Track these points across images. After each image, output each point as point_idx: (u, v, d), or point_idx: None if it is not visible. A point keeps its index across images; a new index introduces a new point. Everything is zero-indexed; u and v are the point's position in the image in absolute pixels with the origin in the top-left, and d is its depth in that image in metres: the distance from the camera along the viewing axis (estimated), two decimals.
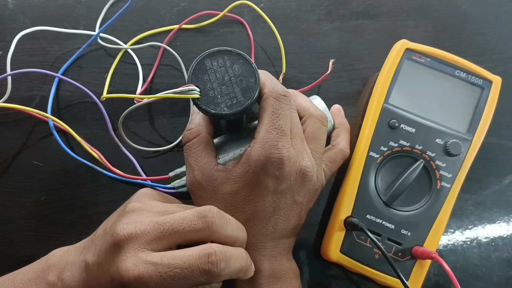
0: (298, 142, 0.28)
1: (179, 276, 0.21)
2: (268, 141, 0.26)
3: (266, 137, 0.26)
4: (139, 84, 0.37)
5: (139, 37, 0.38)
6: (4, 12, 0.39)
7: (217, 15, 0.39)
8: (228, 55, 0.28)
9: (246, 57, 0.28)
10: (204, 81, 0.28)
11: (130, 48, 0.38)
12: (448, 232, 0.35)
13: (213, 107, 0.27)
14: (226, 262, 0.22)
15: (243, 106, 0.27)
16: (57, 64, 0.38)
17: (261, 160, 0.26)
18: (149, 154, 0.35)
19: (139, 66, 0.37)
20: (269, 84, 0.27)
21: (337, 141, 0.33)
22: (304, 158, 0.27)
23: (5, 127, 0.36)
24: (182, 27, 0.39)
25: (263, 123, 0.27)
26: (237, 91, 0.28)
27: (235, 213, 0.27)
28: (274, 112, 0.26)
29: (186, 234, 0.23)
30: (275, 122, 0.26)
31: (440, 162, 0.33)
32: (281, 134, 0.26)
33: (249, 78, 0.28)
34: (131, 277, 0.21)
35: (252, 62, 0.28)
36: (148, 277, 0.21)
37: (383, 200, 0.32)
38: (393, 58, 0.34)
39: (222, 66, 0.28)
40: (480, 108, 0.34)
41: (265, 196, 0.27)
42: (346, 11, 0.41)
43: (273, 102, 0.26)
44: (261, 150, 0.26)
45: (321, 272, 0.33)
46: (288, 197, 0.27)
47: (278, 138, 0.26)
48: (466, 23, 0.41)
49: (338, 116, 0.35)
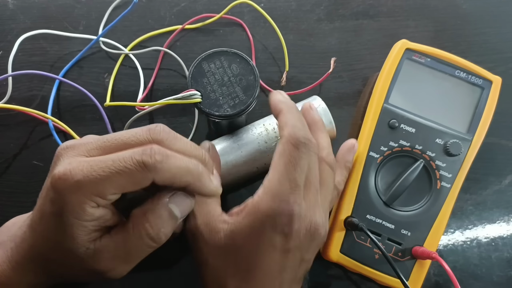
0: (312, 195, 0.25)
1: (110, 167, 0.20)
2: (280, 194, 0.23)
3: (277, 189, 0.24)
4: (141, 90, 0.36)
5: (139, 39, 0.38)
6: (4, 12, 0.39)
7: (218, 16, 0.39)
8: (224, 56, 0.28)
9: (242, 55, 0.28)
10: (204, 84, 0.28)
11: (131, 54, 0.38)
12: (448, 232, 0.35)
13: (216, 109, 0.27)
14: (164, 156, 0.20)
15: (246, 104, 0.27)
16: (58, 65, 0.38)
17: (270, 213, 0.23)
18: None
19: (140, 71, 0.37)
20: (290, 125, 0.25)
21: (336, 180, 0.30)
22: (315, 214, 0.25)
23: (6, 128, 0.36)
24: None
25: (277, 171, 0.24)
26: (238, 91, 0.28)
27: (237, 272, 0.24)
28: (291, 161, 0.24)
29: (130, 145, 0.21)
30: (290, 173, 0.24)
31: (440, 162, 0.33)
32: (294, 187, 0.24)
33: (249, 76, 0.28)
34: (61, 172, 0.20)
35: (249, 59, 0.28)
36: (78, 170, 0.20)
37: (383, 200, 0.32)
38: (393, 58, 0.34)
39: (220, 68, 0.28)
40: (480, 108, 0.34)
41: (272, 254, 0.24)
42: (346, 11, 0.41)
43: (291, 150, 0.24)
44: (270, 203, 0.23)
45: (321, 272, 0.33)
46: (296, 256, 0.25)
47: (291, 192, 0.23)
48: (466, 23, 0.41)
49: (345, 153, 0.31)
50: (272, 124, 0.32)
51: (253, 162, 0.32)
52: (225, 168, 0.31)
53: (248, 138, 0.32)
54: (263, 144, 0.31)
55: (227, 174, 0.31)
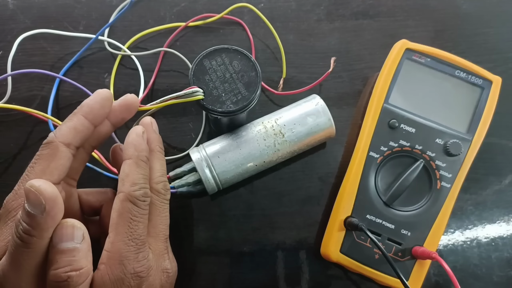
0: (161, 242, 0.25)
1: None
2: (127, 256, 0.23)
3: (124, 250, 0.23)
4: (141, 90, 0.36)
5: (138, 36, 0.38)
6: (4, 12, 0.39)
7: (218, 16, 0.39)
8: (225, 53, 0.28)
9: (243, 52, 0.28)
10: (206, 82, 0.28)
11: (134, 55, 0.38)
12: (448, 232, 0.35)
13: (219, 105, 0.27)
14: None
15: (249, 100, 0.27)
16: (58, 65, 0.38)
17: (121, 277, 0.22)
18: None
19: (141, 71, 0.37)
20: (131, 181, 0.24)
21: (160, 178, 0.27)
22: (165, 260, 0.25)
23: (5, 127, 0.36)
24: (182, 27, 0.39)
25: (119, 232, 0.23)
26: (240, 87, 0.28)
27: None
28: (133, 219, 0.23)
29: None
30: (134, 232, 0.23)
31: (440, 162, 0.33)
32: (140, 244, 0.23)
33: (250, 72, 0.28)
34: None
35: (251, 55, 0.28)
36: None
37: (383, 200, 0.32)
38: (393, 58, 0.34)
39: (221, 64, 0.28)
40: (480, 108, 0.34)
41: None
42: (346, 11, 0.41)
43: (131, 207, 0.23)
44: (119, 267, 0.22)
45: (321, 272, 0.33)
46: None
47: (138, 250, 0.23)
48: (466, 23, 0.41)
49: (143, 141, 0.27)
50: (271, 122, 0.32)
51: (252, 160, 0.32)
52: (225, 166, 0.31)
53: (247, 136, 0.32)
54: (262, 142, 0.32)
55: (226, 171, 0.31)
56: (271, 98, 0.38)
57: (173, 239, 0.33)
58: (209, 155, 0.31)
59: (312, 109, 0.33)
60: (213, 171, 0.31)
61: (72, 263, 0.21)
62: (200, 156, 0.31)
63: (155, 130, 0.28)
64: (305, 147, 0.34)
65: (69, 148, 0.24)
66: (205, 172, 0.31)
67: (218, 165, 0.31)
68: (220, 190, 0.33)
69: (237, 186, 0.34)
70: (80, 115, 0.25)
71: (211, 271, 0.33)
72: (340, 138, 0.36)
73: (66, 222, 0.22)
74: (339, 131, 0.34)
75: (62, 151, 0.24)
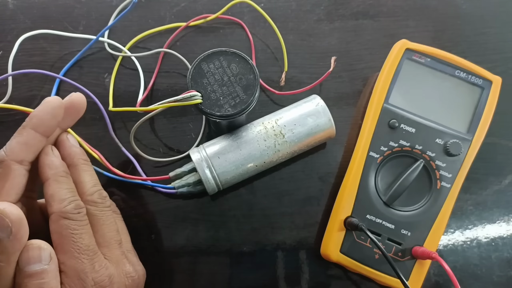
0: (115, 249, 0.25)
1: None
2: (83, 269, 0.22)
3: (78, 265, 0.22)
4: (141, 91, 0.36)
5: (139, 37, 0.38)
6: (4, 12, 0.39)
7: (218, 17, 0.39)
8: (223, 56, 0.28)
9: (241, 55, 0.28)
10: (204, 85, 0.28)
11: (134, 56, 0.38)
12: (448, 232, 0.35)
13: (217, 109, 0.27)
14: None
15: (247, 103, 0.27)
16: (58, 65, 0.38)
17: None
18: (150, 154, 0.35)
19: (141, 72, 0.37)
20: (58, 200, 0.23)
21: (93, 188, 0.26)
22: (125, 264, 0.25)
23: (5, 127, 0.36)
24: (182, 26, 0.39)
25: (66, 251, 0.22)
26: (238, 90, 0.28)
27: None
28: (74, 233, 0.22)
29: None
30: (80, 244, 0.22)
31: (440, 162, 0.33)
32: (92, 254, 0.23)
33: (248, 75, 0.28)
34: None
35: (249, 58, 0.28)
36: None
37: (383, 200, 0.32)
38: (393, 58, 0.34)
39: (219, 68, 0.28)
40: (480, 108, 0.34)
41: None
42: (346, 11, 0.41)
43: (68, 223, 0.22)
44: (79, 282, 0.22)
45: (321, 272, 0.33)
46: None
47: (92, 260, 0.23)
48: (466, 23, 0.41)
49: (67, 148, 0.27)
50: (271, 123, 0.32)
51: (252, 160, 0.32)
52: (225, 167, 0.31)
53: (248, 136, 0.32)
54: (262, 143, 0.32)
55: (226, 172, 0.31)
56: (271, 98, 0.38)
57: (173, 239, 0.33)
58: (209, 156, 0.31)
59: (312, 109, 0.33)
60: (213, 172, 0.31)
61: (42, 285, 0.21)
62: (200, 157, 0.32)
63: (73, 144, 0.27)
64: (305, 148, 0.34)
65: (22, 165, 0.23)
66: (205, 172, 0.31)
67: (218, 165, 0.31)
68: (220, 191, 0.33)
69: (237, 186, 0.34)
70: (30, 129, 0.24)
71: (211, 271, 0.33)
72: (340, 138, 0.36)
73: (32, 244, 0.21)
74: (339, 131, 0.34)
75: (15, 169, 0.23)
